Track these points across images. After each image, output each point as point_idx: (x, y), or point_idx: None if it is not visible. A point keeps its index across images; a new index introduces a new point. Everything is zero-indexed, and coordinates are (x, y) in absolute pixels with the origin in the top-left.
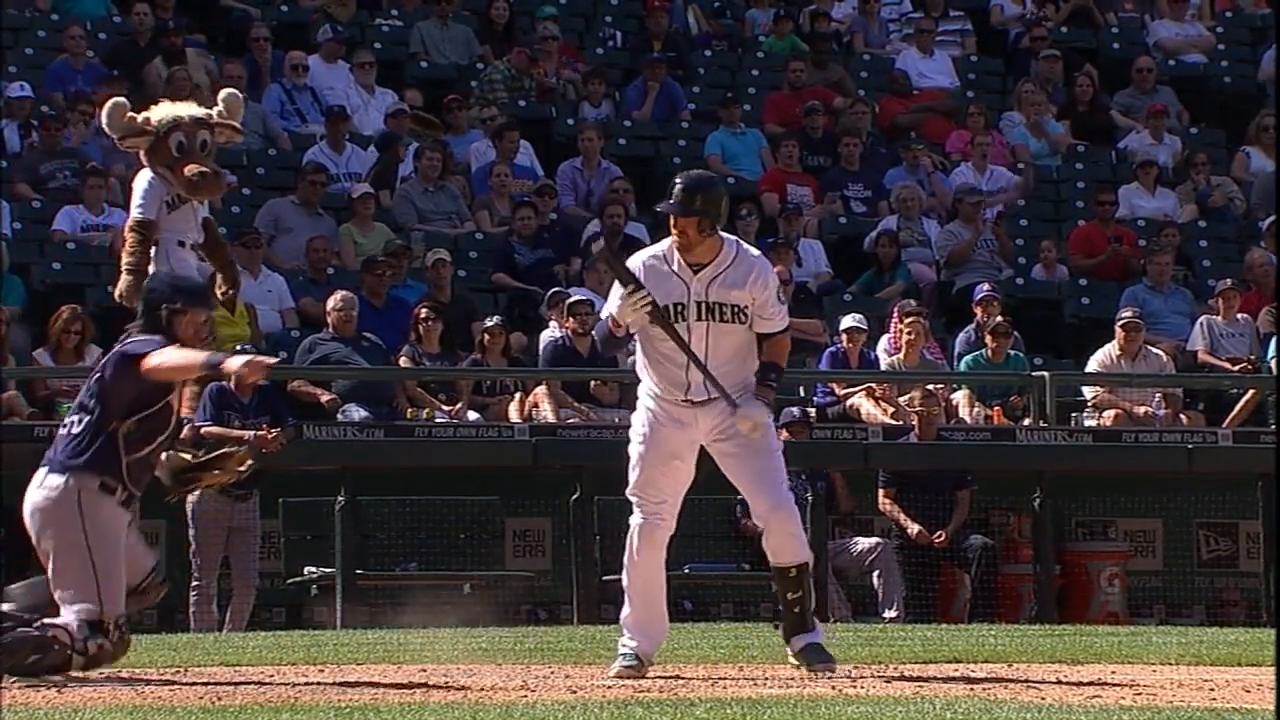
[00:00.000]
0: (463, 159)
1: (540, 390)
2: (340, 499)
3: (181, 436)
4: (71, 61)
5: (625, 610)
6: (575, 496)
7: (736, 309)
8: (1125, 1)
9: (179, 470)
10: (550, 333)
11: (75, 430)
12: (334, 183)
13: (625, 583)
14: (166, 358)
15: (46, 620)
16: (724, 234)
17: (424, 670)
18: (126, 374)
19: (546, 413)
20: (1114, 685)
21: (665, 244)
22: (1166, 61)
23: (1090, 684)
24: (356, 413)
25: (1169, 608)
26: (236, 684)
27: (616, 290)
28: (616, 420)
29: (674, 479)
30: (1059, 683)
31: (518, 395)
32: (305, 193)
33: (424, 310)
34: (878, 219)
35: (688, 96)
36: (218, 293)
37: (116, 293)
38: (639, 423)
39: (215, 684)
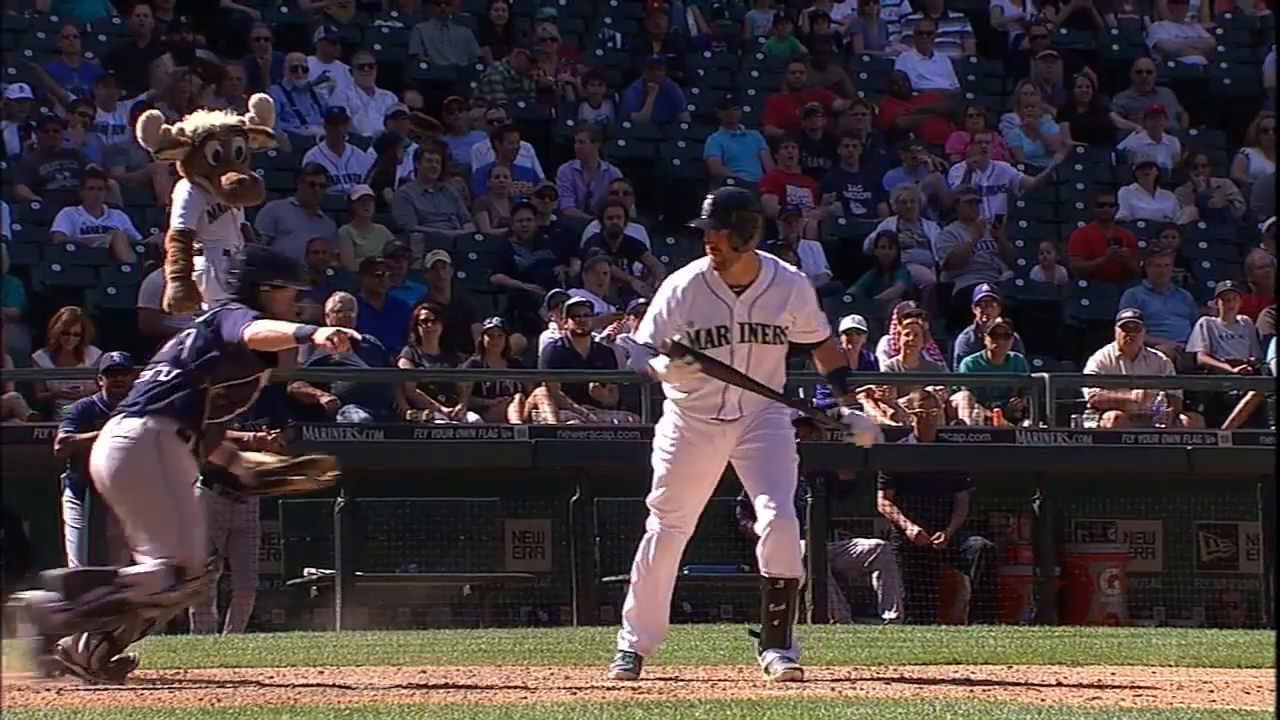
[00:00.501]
0: (462, 160)
1: (540, 391)
2: (340, 500)
3: None
4: (67, 61)
5: (629, 604)
6: (575, 498)
7: (777, 330)
8: (1125, 3)
9: (264, 473)
10: (550, 334)
11: (162, 378)
12: (334, 184)
13: (634, 579)
14: (263, 329)
15: (122, 577)
16: (761, 253)
17: (424, 671)
18: (234, 345)
19: (546, 414)
20: (1114, 687)
21: (704, 263)
22: (1166, 63)
23: (1090, 685)
24: (356, 414)
25: (1169, 609)
26: (236, 685)
27: (654, 358)
28: (616, 421)
29: (697, 496)
30: (1059, 684)
31: (517, 397)
32: (305, 194)
33: (423, 311)
34: (877, 220)
35: (687, 98)
36: None
37: (165, 302)
38: (666, 439)
39: (215, 685)
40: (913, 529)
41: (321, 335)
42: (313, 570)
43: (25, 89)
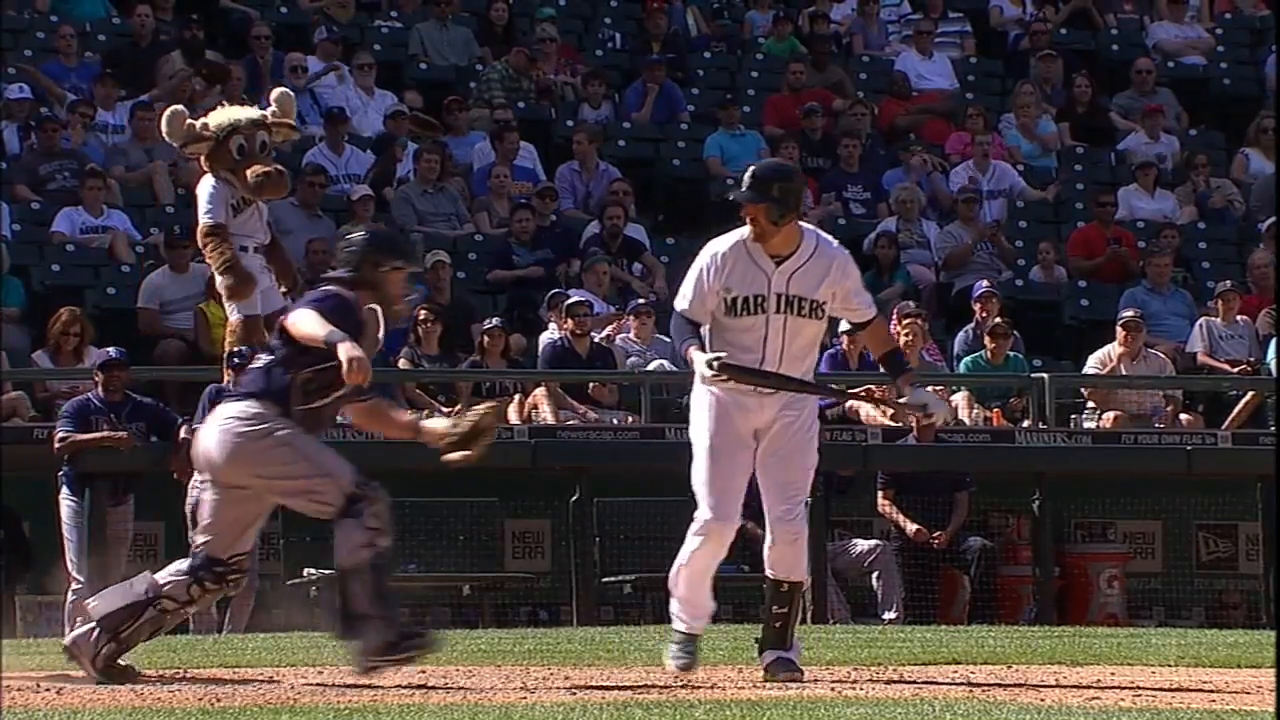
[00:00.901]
0: (462, 160)
1: (539, 392)
2: None
3: (180, 441)
4: (66, 62)
5: (676, 587)
6: (575, 498)
7: (815, 304)
8: (1124, 3)
9: (454, 444)
10: (549, 334)
11: (259, 365)
12: (333, 184)
13: (679, 566)
14: (300, 320)
15: (342, 557)
16: (804, 225)
17: (424, 671)
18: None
19: (546, 414)
20: (1113, 687)
21: (745, 231)
22: (1166, 63)
23: (1089, 686)
24: None
25: (1168, 609)
26: (236, 685)
27: (698, 350)
28: (615, 422)
29: (744, 468)
30: (1058, 684)
31: (517, 397)
32: (305, 194)
33: (423, 312)
34: (877, 220)
35: (687, 98)
36: (280, 294)
37: (226, 294)
38: (703, 411)
39: (215, 685)
40: (911, 526)
41: (345, 352)
42: (313, 570)
43: (25, 89)
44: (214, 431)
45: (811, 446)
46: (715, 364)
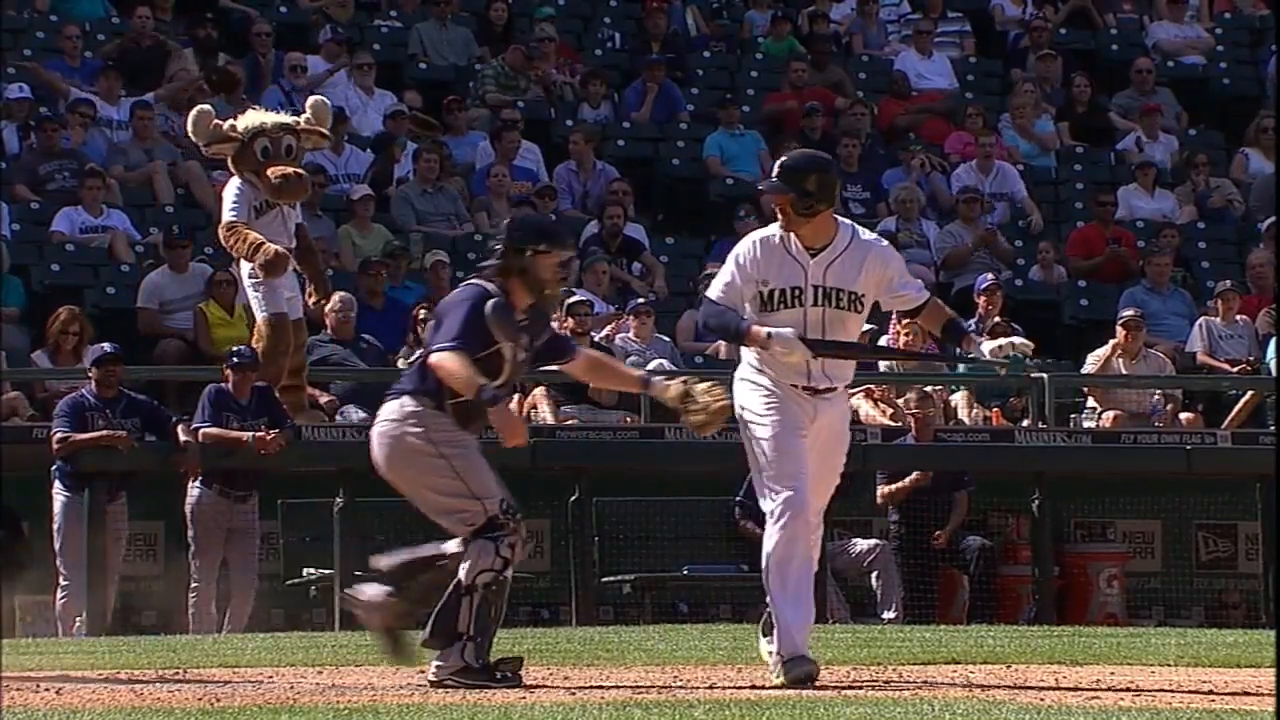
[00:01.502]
0: (462, 160)
1: (539, 391)
2: (339, 500)
3: (182, 442)
4: (68, 62)
5: (775, 599)
6: (574, 498)
7: (854, 296)
8: (1124, 3)
9: (707, 420)
10: None
11: (414, 359)
12: (333, 184)
13: (769, 575)
14: (448, 366)
15: (468, 578)
16: (840, 219)
17: (423, 671)
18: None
19: (545, 414)
20: (1113, 687)
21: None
22: (1165, 63)
23: (1089, 686)
24: (355, 414)
25: (1168, 609)
26: (236, 685)
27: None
28: (615, 421)
29: (806, 454)
30: (1058, 685)
31: (516, 396)
32: None
33: (422, 311)
34: (876, 220)
35: (686, 98)
36: (308, 301)
37: (263, 274)
38: (757, 403)
39: (214, 685)
40: (910, 479)
41: (499, 419)
42: (312, 570)
43: (25, 89)
44: (375, 435)
45: (842, 462)
46: (792, 337)
